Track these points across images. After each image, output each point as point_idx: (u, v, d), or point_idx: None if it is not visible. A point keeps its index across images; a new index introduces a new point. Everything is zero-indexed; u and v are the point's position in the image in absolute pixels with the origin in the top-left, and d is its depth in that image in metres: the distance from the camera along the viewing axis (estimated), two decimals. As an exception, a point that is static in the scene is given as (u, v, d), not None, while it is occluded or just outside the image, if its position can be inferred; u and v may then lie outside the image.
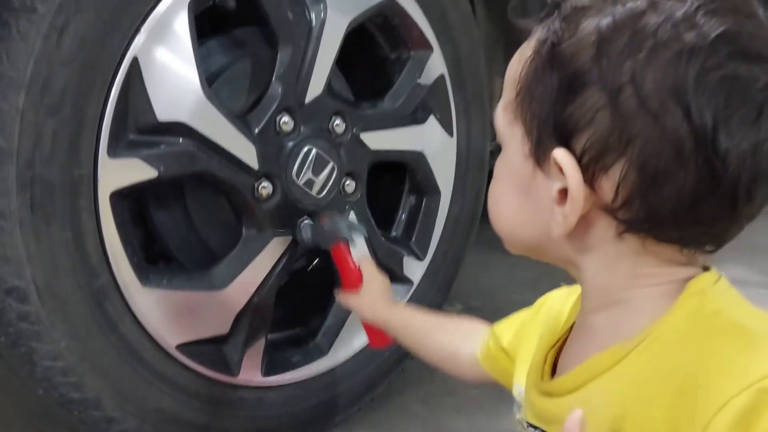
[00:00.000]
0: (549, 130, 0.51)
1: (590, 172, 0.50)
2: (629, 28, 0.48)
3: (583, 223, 0.52)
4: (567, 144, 0.50)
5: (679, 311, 0.51)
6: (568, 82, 0.50)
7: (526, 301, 0.76)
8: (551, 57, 0.51)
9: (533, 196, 0.55)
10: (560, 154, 0.50)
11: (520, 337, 0.73)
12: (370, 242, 1.20)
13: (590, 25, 0.50)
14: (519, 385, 0.67)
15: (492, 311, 0.90)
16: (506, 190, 0.57)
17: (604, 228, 0.52)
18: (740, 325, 0.50)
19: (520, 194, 0.56)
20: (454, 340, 0.88)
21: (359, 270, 1.02)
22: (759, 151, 0.47)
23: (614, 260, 0.53)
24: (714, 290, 0.52)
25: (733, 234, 0.52)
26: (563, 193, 0.51)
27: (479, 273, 1.88)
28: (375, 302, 1.00)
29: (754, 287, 1.82)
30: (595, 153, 0.49)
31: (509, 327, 0.77)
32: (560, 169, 0.50)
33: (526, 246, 0.58)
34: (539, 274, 0.65)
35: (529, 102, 0.53)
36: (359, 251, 1.05)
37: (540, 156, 0.52)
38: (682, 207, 0.48)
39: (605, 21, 0.49)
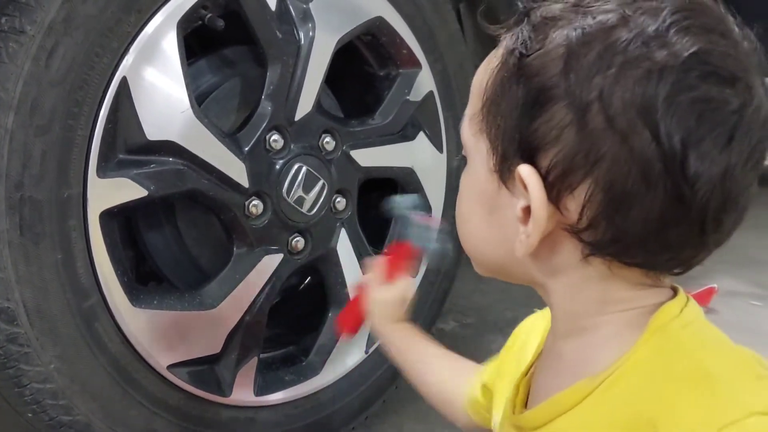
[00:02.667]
0: (514, 146, 0.49)
1: (555, 191, 0.48)
2: (599, 42, 0.46)
3: (548, 244, 0.50)
4: (532, 161, 0.48)
5: (641, 350, 0.49)
6: (534, 96, 0.48)
7: (519, 318, 0.76)
8: (518, 69, 0.49)
9: (498, 213, 0.53)
10: (525, 171, 0.48)
11: (500, 371, 0.72)
12: (363, 260, 1.20)
13: (559, 37, 0.48)
14: (496, 415, 0.66)
15: (485, 327, 0.90)
16: (471, 205, 0.56)
17: (570, 250, 0.50)
18: (702, 369, 0.48)
19: (484, 210, 0.54)
20: (447, 381, 0.84)
21: (405, 271, 0.92)
22: (729, 176, 0.46)
23: (581, 285, 0.51)
24: (678, 323, 0.50)
25: (702, 259, 0.50)
26: (527, 211, 0.49)
27: (473, 289, 1.88)
28: (390, 310, 0.91)
29: (744, 298, 1.83)
30: (561, 172, 0.47)
31: (492, 364, 0.76)
32: (525, 186, 0.49)
33: (492, 265, 0.57)
34: (532, 291, 0.65)
35: (495, 115, 0.51)
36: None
37: (505, 172, 0.51)
38: (649, 231, 0.47)
39: (575, 33, 0.47)
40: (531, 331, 0.67)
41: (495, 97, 0.51)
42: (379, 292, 0.92)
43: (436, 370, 0.87)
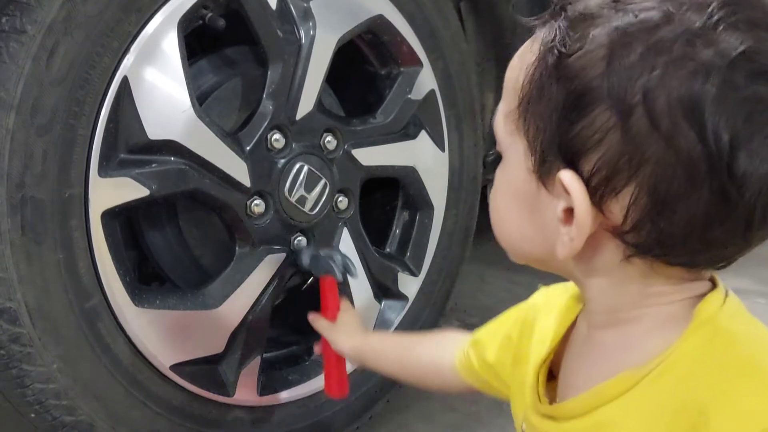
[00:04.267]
0: (554, 150, 0.48)
1: (599, 194, 0.47)
2: (642, 42, 0.45)
3: (590, 244, 0.50)
4: (573, 165, 0.48)
5: (690, 340, 0.49)
6: (575, 99, 0.47)
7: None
8: (557, 69, 0.48)
9: (537, 212, 0.52)
10: (567, 177, 0.47)
11: (513, 356, 0.69)
12: (365, 260, 1.20)
13: (600, 36, 0.47)
14: (516, 403, 0.65)
15: (489, 327, 0.89)
16: (509, 203, 0.55)
17: (612, 251, 0.50)
18: (754, 361, 0.49)
19: (523, 209, 0.53)
20: (433, 352, 0.86)
21: (339, 304, 1.04)
22: None
23: (622, 282, 0.51)
24: (724, 314, 0.50)
25: (743, 254, 0.50)
26: (569, 212, 0.49)
27: (476, 289, 1.87)
28: (350, 330, 1.01)
29: (753, 296, 1.82)
30: (604, 176, 0.46)
31: (492, 339, 0.74)
32: (566, 191, 0.48)
33: (530, 259, 0.56)
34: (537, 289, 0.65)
35: (533, 115, 0.50)
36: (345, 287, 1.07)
37: (544, 174, 0.50)
38: (694, 231, 0.46)
39: (616, 33, 0.46)
40: (544, 313, 0.65)
41: (532, 97, 0.50)
42: (332, 331, 1.01)
43: (424, 351, 0.88)
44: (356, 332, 1.01)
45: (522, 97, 0.51)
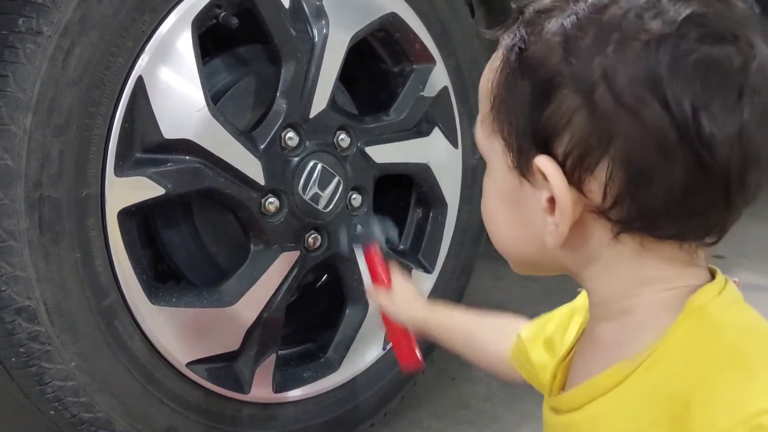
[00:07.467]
0: (528, 139, 0.50)
1: (576, 175, 0.48)
2: (594, 23, 0.47)
3: (578, 229, 0.50)
4: (548, 150, 0.49)
5: (679, 331, 0.49)
6: (540, 86, 0.48)
7: (538, 314, 0.75)
8: (520, 63, 0.50)
9: (523, 208, 0.53)
10: (542, 161, 0.49)
11: (551, 345, 0.69)
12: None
13: (554, 25, 0.49)
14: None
15: (503, 324, 0.89)
16: (496, 206, 0.56)
17: (600, 232, 0.50)
18: (741, 351, 0.48)
19: (510, 208, 0.54)
20: (497, 341, 0.83)
21: (388, 270, 0.98)
22: (744, 134, 0.45)
23: (615, 264, 0.51)
24: (716, 305, 0.50)
25: (731, 222, 0.50)
26: (553, 201, 0.50)
27: (491, 286, 1.87)
28: (409, 300, 0.96)
29: (766, 291, 1.81)
30: (578, 155, 0.48)
31: (536, 339, 0.74)
32: (545, 176, 0.49)
33: (527, 262, 0.57)
34: (551, 287, 0.65)
35: (505, 112, 0.51)
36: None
37: (523, 166, 0.51)
38: (674, 200, 0.47)
39: (569, 20, 0.48)
40: (578, 314, 0.66)
41: (502, 96, 0.52)
42: (392, 301, 0.96)
43: (482, 338, 0.86)
44: (417, 302, 0.96)
45: (494, 99, 0.52)
